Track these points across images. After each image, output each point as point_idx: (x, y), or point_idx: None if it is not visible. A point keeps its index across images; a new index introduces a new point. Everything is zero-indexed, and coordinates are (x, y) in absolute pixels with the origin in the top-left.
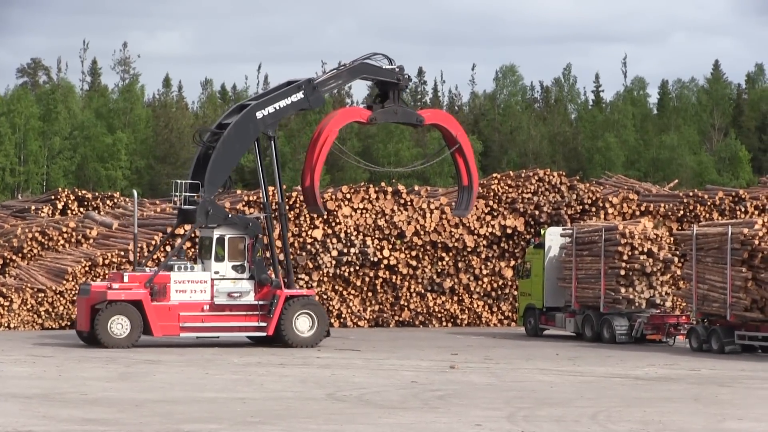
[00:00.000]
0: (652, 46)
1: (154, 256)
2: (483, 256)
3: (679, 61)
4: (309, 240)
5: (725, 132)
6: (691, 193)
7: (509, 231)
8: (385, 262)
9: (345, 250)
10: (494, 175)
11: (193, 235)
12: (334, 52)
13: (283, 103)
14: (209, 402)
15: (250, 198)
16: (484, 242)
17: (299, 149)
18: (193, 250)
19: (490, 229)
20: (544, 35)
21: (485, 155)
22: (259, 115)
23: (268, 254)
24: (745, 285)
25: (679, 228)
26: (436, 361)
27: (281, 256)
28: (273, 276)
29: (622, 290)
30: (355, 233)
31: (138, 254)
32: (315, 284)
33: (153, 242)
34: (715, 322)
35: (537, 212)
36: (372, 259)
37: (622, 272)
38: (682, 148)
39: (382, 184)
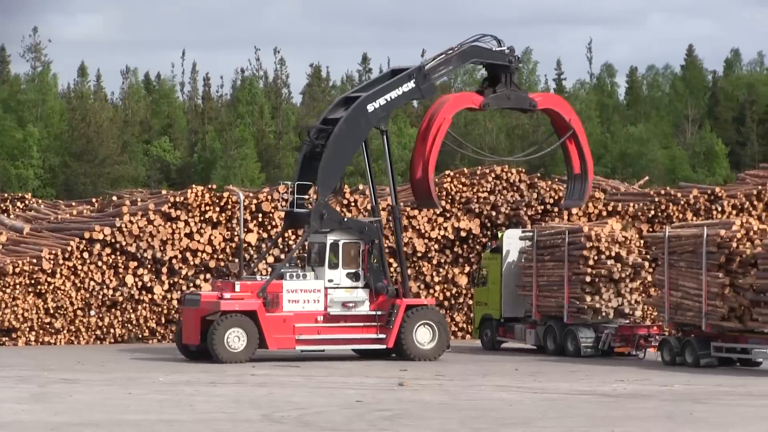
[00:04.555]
0: (625, 29)
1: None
2: (434, 261)
3: (654, 46)
4: (243, 245)
5: (700, 124)
6: (662, 191)
7: (463, 234)
8: None
9: (282, 256)
10: (447, 172)
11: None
12: (274, 38)
13: (394, 94)
14: (132, 425)
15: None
16: (436, 246)
17: (231, 145)
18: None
19: (442, 232)
20: (505, 17)
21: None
22: (370, 108)
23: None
24: (722, 292)
25: (650, 230)
26: (384, 378)
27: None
28: (389, 284)
29: (588, 298)
30: (293, 237)
31: (51, 261)
32: None
33: (69, 248)
34: (689, 332)
35: (494, 213)
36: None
37: (588, 279)
38: (653, 141)
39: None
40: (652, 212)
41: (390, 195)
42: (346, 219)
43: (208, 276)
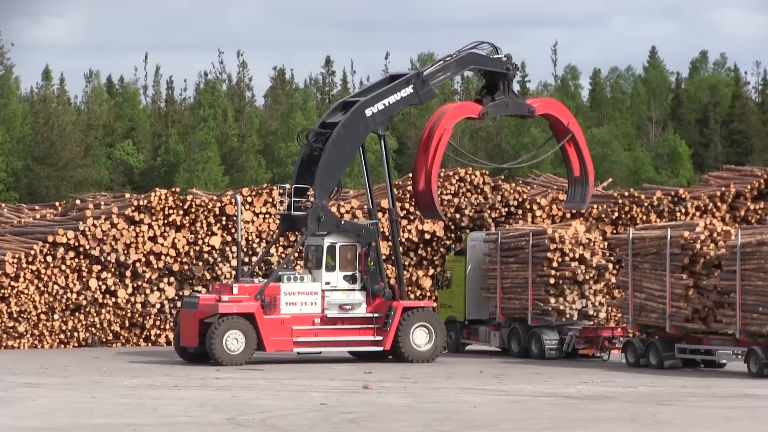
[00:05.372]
0: (589, 30)
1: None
2: None
3: (618, 48)
4: (206, 248)
5: (663, 125)
6: (626, 193)
7: (427, 236)
8: None
9: (246, 260)
10: (410, 175)
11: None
12: (237, 40)
13: (392, 99)
14: (95, 429)
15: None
16: (400, 249)
17: (194, 148)
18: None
19: (406, 235)
20: (469, 19)
21: (400, 153)
22: (368, 112)
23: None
24: (685, 293)
25: (614, 231)
26: (348, 381)
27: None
28: (385, 286)
29: (552, 300)
30: (257, 240)
31: (14, 264)
32: None
33: (32, 252)
34: (653, 334)
35: (458, 215)
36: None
37: (552, 281)
38: (616, 143)
39: (287, 186)
40: (616, 214)
41: (388, 199)
42: (343, 222)
43: (172, 279)
